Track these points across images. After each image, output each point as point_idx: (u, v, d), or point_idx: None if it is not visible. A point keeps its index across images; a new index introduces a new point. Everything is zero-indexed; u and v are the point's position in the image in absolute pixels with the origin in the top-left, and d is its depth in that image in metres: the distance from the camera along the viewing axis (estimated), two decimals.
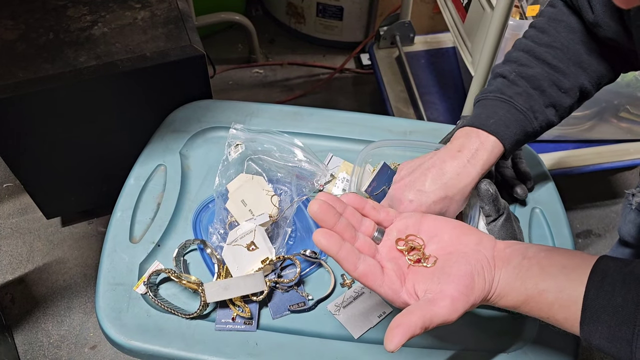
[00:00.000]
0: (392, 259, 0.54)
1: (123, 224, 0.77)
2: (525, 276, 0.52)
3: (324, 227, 0.51)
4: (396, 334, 0.47)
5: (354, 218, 0.55)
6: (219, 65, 1.80)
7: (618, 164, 1.33)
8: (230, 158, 0.80)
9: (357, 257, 0.51)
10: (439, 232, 0.56)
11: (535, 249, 0.54)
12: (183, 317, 0.68)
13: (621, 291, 0.47)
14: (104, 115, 1.06)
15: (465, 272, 0.51)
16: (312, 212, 0.51)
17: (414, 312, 0.49)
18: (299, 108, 0.95)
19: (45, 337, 1.18)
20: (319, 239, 0.50)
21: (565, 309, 0.50)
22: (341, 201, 0.54)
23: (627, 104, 1.27)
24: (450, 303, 0.49)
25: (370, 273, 0.51)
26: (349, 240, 0.52)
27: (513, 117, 0.67)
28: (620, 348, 0.46)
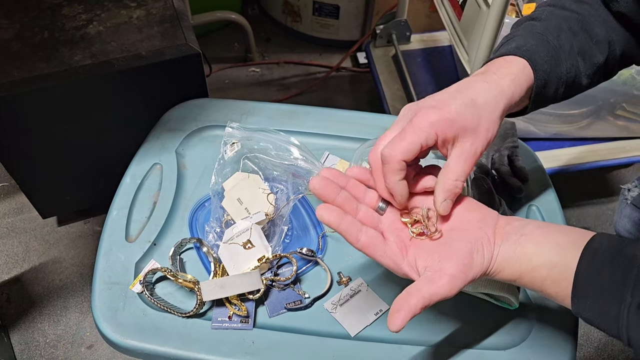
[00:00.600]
0: (395, 230, 0.55)
1: (119, 222, 0.77)
2: (521, 252, 0.53)
3: (325, 201, 0.53)
4: (398, 316, 0.50)
5: (356, 190, 0.56)
6: (215, 64, 1.79)
7: (614, 161, 1.34)
8: (226, 157, 0.80)
9: (359, 229, 0.52)
10: None
11: (533, 226, 0.54)
12: (179, 316, 0.68)
13: (610, 268, 0.48)
14: (99, 114, 1.05)
15: (465, 250, 0.52)
16: (313, 188, 0.53)
17: (413, 294, 0.50)
18: (295, 107, 0.95)
19: (42, 336, 1.18)
20: (321, 213, 0.52)
21: (557, 284, 0.51)
22: (344, 175, 0.56)
23: (624, 102, 1.28)
24: (449, 281, 0.51)
25: (371, 244, 0.53)
26: (350, 213, 0.53)
27: (544, 47, 0.58)
28: (608, 324, 0.48)
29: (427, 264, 0.53)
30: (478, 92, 0.55)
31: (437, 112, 0.52)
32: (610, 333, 0.49)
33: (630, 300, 0.46)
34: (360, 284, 0.73)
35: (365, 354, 0.66)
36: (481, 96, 0.55)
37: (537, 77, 0.57)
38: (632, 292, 0.46)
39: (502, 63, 0.58)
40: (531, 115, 1.26)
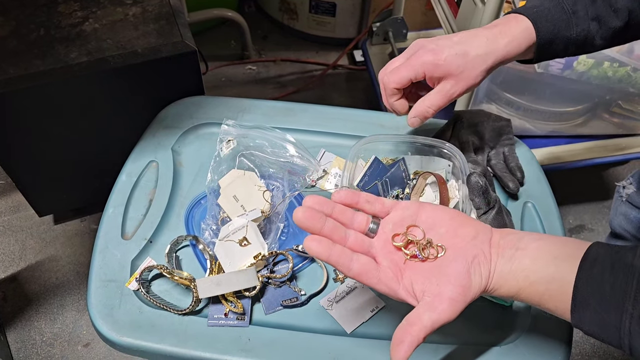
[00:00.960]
0: (388, 254, 0.54)
1: (115, 220, 0.77)
2: (517, 268, 0.52)
3: (311, 233, 0.52)
4: (401, 349, 0.49)
5: (343, 216, 0.55)
6: (212, 62, 1.79)
7: (610, 158, 1.34)
8: (222, 154, 0.80)
9: (350, 258, 0.51)
10: (437, 225, 0.55)
11: (528, 239, 0.54)
12: (175, 313, 0.68)
13: (610, 278, 0.48)
14: (95, 111, 1.05)
15: (462, 271, 0.52)
16: (297, 220, 0.52)
17: (414, 324, 0.50)
18: (292, 104, 0.95)
19: (38, 335, 1.18)
20: (309, 245, 0.50)
21: (555, 299, 0.51)
22: (329, 202, 0.54)
23: (619, 99, 1.28)
24: (449, 306, 0.50)
25: (364, 272, 0.52)
26: (338, 242, 0.52)
27: (555, 9, 0.65)
28: (609, 334, 0.48)
29: (424, 288, 0.52)
30: (473, 46, 0.65)
31: (430, 56, 0.65)
32: (611, 343, 0.48)
33: (631, 311, 0.46)
34: (356, 281, 0.73)
35: (362, 351, 0.66)
36: (474, 50, 0.65)
37: (540, 37, 0.65)
38: (633, 302, 0.46)
39: (510, 21, 0.66)
40: (527, 112, 1.27)
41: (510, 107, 1.28)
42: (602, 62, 1.18)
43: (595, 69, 1.19)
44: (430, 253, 0.53)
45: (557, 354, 0.67)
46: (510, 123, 0.87)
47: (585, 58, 1.17)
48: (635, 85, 1.23)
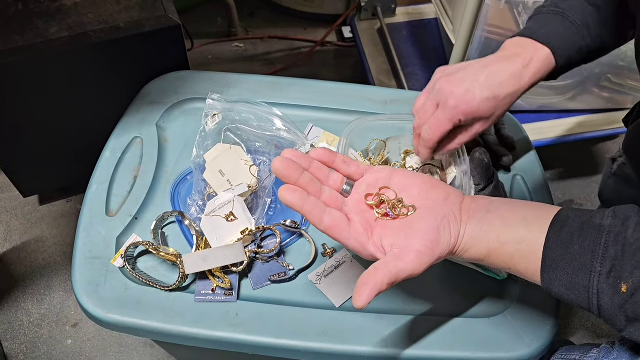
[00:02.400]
0: (360, 212, 0.54)
1: (99, 197, 0.75)
2: (488, 230, 0.52)
3: (287, 182, 0.52)
4: (363, 291, 0.48)
5: (320, 173, 0.55)
6: (198, 40, 1.76)
7: (599, 133, 1.33)
8: (208, 129, 0.78)
9: (323, 210, 0.51)
10: (409, 187, 0.55)
11: (498, 203, 0.55)
12: (162, 290, 0.67)
13: (578, 240, 0.48)
14: (77, 88, 1.03)
15: (431, 227, 0.52)
16: (275, 170, 0.51)
17: (379, 269, 0.49)
18: (278, 78, 0.93)
19: (26, 316, 1.16)
20: (283, 194, 0.50)
21: (525, 260, 0.51)
22: (307, 157, 0.55)
23: (609, 73, 1.27)
24: (416, 257, 0.50)
25: (335, 226, 0.51)
26: (314, 194, 0.52)
27: (567, 31, 0.66)
28: (578, 295, 0.48)
29: (393, 242, 0.52)
30: (503, 86, 0.65)
31: (464, 106, 0.64)
32: (580, 305, 0.49)
33: (600, 269, 0.47)
34: (344, 255, 0.72)
35: (350, 324, 0.66)
36: (504, 90, 0.65)
37: (560, 61, 0.66)
38: (601, 261, 0.47)
39: (529, 51, 0.66)
40: None
41: None
42: None
43: None
44: (402, 212, 0.54)
45: (545, 325, 0.67)
46: None
47: None
48: (625, 59, 1.22)
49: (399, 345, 0.64)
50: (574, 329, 1.24)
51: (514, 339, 0.65)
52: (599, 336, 1.23)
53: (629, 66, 1.24)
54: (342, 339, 0.64)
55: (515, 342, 0.65)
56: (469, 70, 0.66)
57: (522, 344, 0.65)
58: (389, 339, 0.64)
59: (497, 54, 0.68)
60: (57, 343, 1.13)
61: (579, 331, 1.23)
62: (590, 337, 1.23)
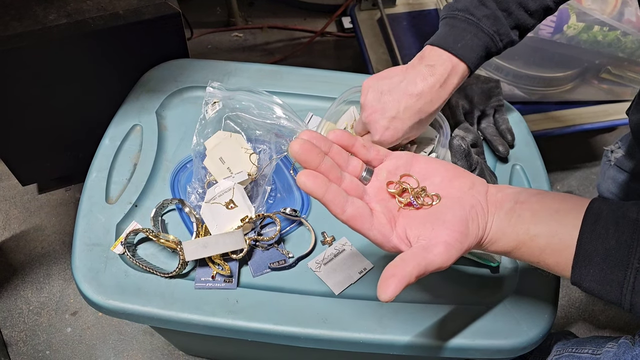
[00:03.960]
0: (381, 201, 0.52)
1: (98, 184, 0.75)
2: (517, 222, 0.50)
3: (307, 168, 0.48)
4: (390, 283, 0.45)
5: (340, 157, 0.51)
6: (197, 29, 1.75)
7: (598, 124, 1.33)
8: (208, 116, 0.78)
9: (345, 199, 0.48)
10: (431, 175, 0.53)
11: (527, 194, 0.52)
12: (162, 276, 0.67)
13: (615, 234, 0.46)
14: (76, 76, 1.02)
15: (459, 218, 0.49)
16: (293, 152, 0.47)
17: (408, 261, 0.46)
18: (278, 67, 0.93)
19: (25, 304, 1.17)
20: (303, 180, 0.46)
21: (557, 254, 0.49)
22: (326, 139, 0.51)
23: (609, 65, 1.27)
24: (445, 250, 0.48)
25: (358, 216, 0.48)
26: (334, 182, 0.49)
27: (480, 42, 0.69)
28: (610, 290, 0.47)
29: (419, 233, 0.49)
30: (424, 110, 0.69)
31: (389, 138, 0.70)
32: (610, 299, 0.48)
33: (637, 265, 0.45)
34: (344, 243, 0.72)
35: (349, 311, 0.66)
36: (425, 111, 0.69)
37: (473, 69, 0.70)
38: (639, 257, 0.45)
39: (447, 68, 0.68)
40: (516, 78, 1.26)
41: (499, 72, 1.27)
42: (592, 26, 1.16)
43: (585, 33, 1.17)
44: (425, 201, 0.51)
45: (543, 314, 0.67)
46: (499, 84, 0.86)
47: (575, 22, 1.16)
48: (624, 50, 1.22)
49: (398, 332, 0.64)
50: (572, 319, 1.24)
51: (512, 327, 0.65)
52: (598, 327, 1.24)
53: (629, 58, 1.24)
54: (341, 325, 0.65)
55: (513, 330, 0.65)
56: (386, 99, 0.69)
57: (520, 331, 0.65)
58: (388, 327, 0.65)
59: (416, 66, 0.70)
60: (57, 331, 1.14)
61: (577, 322, 1.24)
62: (587, 327, 1.23)
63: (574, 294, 1.27)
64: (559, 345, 0.77)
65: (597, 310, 1.26)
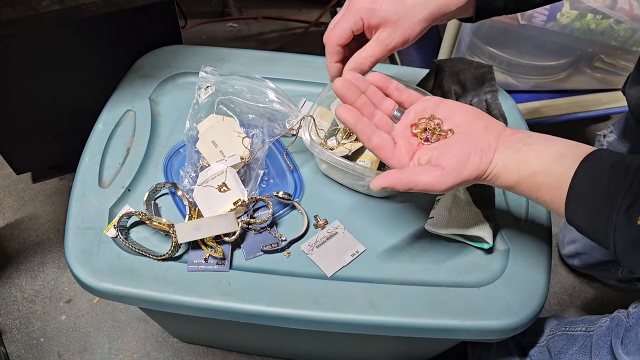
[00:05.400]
0: (405, 137, 0.60)
1: (91, 168, 0.76)
2: (522, 159, 0.55)
3: (345, 102, 0.57)
4: (381, 178, 0.56)
5: (375, 97, 0.60)
6: (192, 20, 1.75)
7: (592, 113, 1.34)
8: (200, 101, 0.78)
9: (372, 131, 0.57)
10: (453, 115, 0.59)
11: (537, 137, 0.57)
12: (154, 259, 0.68)
13: (607, 174, 0.49)
14: (69, 62, 1.02)
15: (462, 150, 0.55)
16: (336, 89, 0.57)
17: (404, 172, 0.56)
18: (272, 53, 0.93)
19: (19, 292, 1.17)
20: (340, 112, 0.56)
21: (552, 191, 0.53)
22: (365, 80, 0.60)
23: (601, 53, 1.28)
24: (440, 175, 0.55)
25: (382, 146, 0.58)
26: (367, 116, 0.58)
27: None
28: (596, 228, 0.50)
29: (428, 158, 0.57)
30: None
31: (366, 2, 0.62)
32: (599, 240, 0.51)
33: (621, 202, 0.48)
34: (337, 226, 0.73)
35: (341, 293, 0.66)
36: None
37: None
38: (624, 195, 0.48)
39: None
40: (510, 67, 1.26)
41: (493, 61, 1.27)
42: (585, 14, 1.17)
43: (578, 21, 1.18)
44: (441, 135, 0.58)
45: (534, 294, 0.68)
46: (492, 69, 0.86)
47: (569, 9, 1.16)
48: (617, 39, 1.23)
49: (390, 313, 0.65)
50: (565, 306, 1.25)
51: (503, 308, 0.66)
52: (587, 312, 1.25)
53: (621, 46, 1.24)
54: (333, 307, 0.65)
55: (504, 311, 0.66)
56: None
57: (511, 312, 0.66)
58: (380, 308, 0.65)
59: None
60: (51, 318, 1.14)
61: (570, 309, 1.25)
62: (580, 313, 1.24)
63: (567, 281, 1.28)
64: (552, 325, 0.77)
65: (589, 297, 1.26)
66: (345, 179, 0.76)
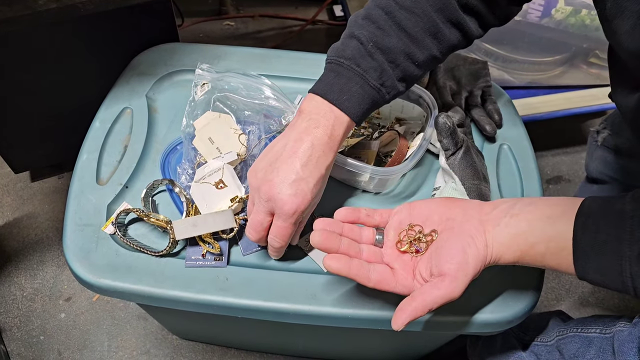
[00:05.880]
0: (397, 257, 0.59)
1: (89, 166, 0.76)
2: (515, 234, 0.54)
3: (330, 253, 0.56)
4: (399, 317, 0.53)
5: (353, 233, 0.60)
6: (189, 18, 1.75)
7: (587, 109, 1.35)
8: (197, 98, 0.79)
9: (368, 269, 0.56)
10: (430, 216, 0.59)
11: (521, 205, 0.56)
12: (152, 255, 0.68)
13: (604, 227, 0.50)
14: (66, 61, 1.02)
15: (456, 249, 0.55)
16: (315, 244, 0.56)
17: (416, 298, 0.54)
18: (268, 50, 0.94)
19: (19, 290, 1.17)
20: (329, 264, 0.54)
21: (556, 256, 0.53)
22: (338, 222, 0.59)
23: (596, 49, 1.28)
24: (450, 282, 0.53)
25: (383, 280, 0.56)
26: (355, 256, 0.57)
27: (366, 94, 0.63)
28: (613, 280, 0.50)
29: (429, 271, 0.56)
30: (320, 162, 0.61)
31: (300, 205, 0.60)
32: (617, 289, 0.51)
33: (629, 253, 0.48)
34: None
35: (338, 288, 0.67)
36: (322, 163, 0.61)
37: (357, 123, 0.64)
38: (629, 245, 0.48)
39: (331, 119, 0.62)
40: (505, 63, 1.27)
41: (488, 57, 1.28)
42: (579, 9, 1.17)
43: (573, 17, 1.18)
44: (427, 240, 0.58)
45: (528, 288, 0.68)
46: (487, 65, 0.87)
47: (564, 5, 1.17)
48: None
49: (386, 308, 0.65)
50: (562, 301, 1.26)
51: (498, 301, 0.67)
52: (584, 306, 1.25)
53: None
54: (330, 302, 0.65)
55: (499, 304, 0.66)
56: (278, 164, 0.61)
57: (506, 305, 0.66)
58: (377, 302, 0.66)
59: (298, 124, 0.63)
60: (51, 317, 1.14)
61: (567, 303, 1.26)
62: (577, 309, 1.25)
63: (564, 276, 1.29)
64: (561, 325, 0.77)
65: (586, 292, 1.27)
66: (342, 175, 0.76)
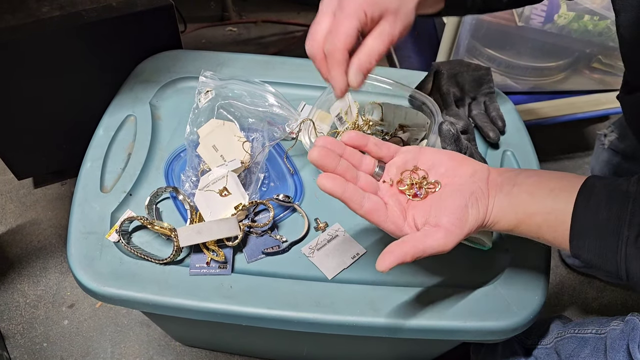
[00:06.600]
0: (393, 195, 0.56)
1: (93, 174, 0.76)
2: (516, 202, 0.54)
3: (325, 171, 0.53)
4: (387, 258, 0.51)
5: (353, 158, 0.56)
6: (191, 24, 1.76)
7: (590, 114, 1.35)
8: (201, 105, 0.79)
9: (362, 196, 0.53)
10: (436, 165, 0.57)
11: (525, 175, 0.56)
12: (156, 263, 0.68)
13: (606, 207, 0.49)
14: (70, 68, 1.03)
15: (459, 205, 0.53)
16: (312, 159, 0.52)
17: (407, 242, 0.52)
18: (271, 57, 0.94)
19: (22, 297, 1.17)
20: (323, 182, 0.51)
21: (553, 229, 0.53)
22: (340, 143, 0.56)
23: (599, 54, 1.28)
24: (444, 236, 0.52)
25: (374, 210, 0.54)
26: (351, 181, 0.54)
27: None
28: (607, 260, 0.50)
29: (425, 220, 0.54)
30: None
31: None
32: (609, 270, 0.50)
33: (627, 234, 0.48)
34: (337, 229, 0.73)
35: (342, 295, 0.67)
36: None
37: None
38: (628, 226, 0.48)
39: None
40: (508, 69, 1.27)
41: (491, 62, 1.28)
42: (582, 15, 1.17)
43: (576, 22, 1.18)
44: (429, 189, 0.56)
45: (533, 295, 0.68)
46: (490, 71, 0.87)
47: (566, 11, 1.17)
48: (615, 39, 1.23)
49: (390, 315, 0.65)
50: (565, 306, 1.25)
51: (502, 308, 0.66)
52: (587, 312, 1.25)
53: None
54: (334, 309, 0.65)
55: (503, 311, 0.66)
56: None
57: (511, 313, 0.66)
58: (380, 310, 0.65)
59: None
60: (54, 323, 1.14)
61: (570, 309, 1.25)
62: (581, 315, 1.24)
63: (567, 281, 1.29)
64: (560, 327, 0.77)
65: (590, 298, 1.27)
66: None
